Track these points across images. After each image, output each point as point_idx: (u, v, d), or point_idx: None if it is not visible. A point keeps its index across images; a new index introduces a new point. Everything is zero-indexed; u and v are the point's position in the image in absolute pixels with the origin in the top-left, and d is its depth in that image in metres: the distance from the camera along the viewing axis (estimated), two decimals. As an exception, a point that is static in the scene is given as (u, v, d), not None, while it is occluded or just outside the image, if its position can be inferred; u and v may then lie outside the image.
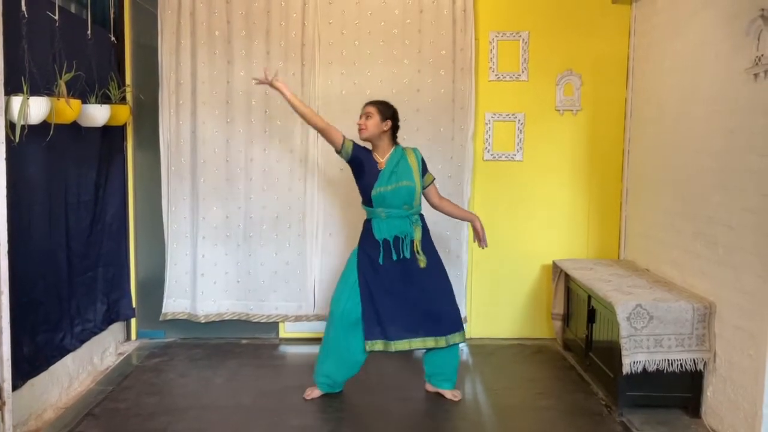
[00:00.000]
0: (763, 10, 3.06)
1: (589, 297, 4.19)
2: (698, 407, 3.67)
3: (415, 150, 3.93)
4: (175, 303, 4.97)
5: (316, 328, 5.05)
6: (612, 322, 3.76)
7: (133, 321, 5.02)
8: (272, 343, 4.99)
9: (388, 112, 3.88)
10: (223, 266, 4.94)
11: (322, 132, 3.85)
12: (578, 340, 4.49)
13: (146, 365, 4.50)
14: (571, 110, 4.93)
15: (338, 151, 3.86)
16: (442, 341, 3.82)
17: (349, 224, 4.89)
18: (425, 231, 3.88)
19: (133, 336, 5.04)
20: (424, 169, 3.92)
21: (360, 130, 3.85)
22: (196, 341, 4.97)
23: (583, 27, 4.87)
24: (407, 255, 3.79)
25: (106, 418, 3.67)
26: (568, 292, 4.75)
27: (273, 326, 5.06)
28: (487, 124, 4.91)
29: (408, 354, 4.42)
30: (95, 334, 4.37)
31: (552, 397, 4.04)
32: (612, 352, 3.80)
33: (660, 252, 4.28)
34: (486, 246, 4.00)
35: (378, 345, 3.78)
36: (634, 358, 3.59)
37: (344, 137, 3.85)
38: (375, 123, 3.83)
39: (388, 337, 3.78)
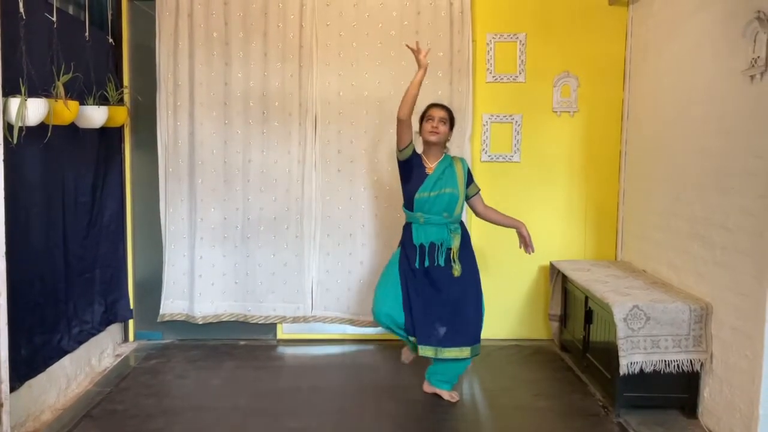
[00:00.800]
0: (759, 12, 3.07)
1: (587, 298, 4.19)
2: (695, 408, 3.67)
3: (462, 160, 3.92)
4: (172, 304, 4.97)
5: (314, 330, 5.06)
6: (609, 323, 3.76)
7: (130, 322, 5.02)
8: (270, 345, 4.99)
9: (453, 120, 3.90)
10: (221, 267, 4.94)
11: (403, 122, 3.70)
12: (575, 341, 4.50)
13: (144, 367, 4.50)
14: (568, 112, 4.94)
15: (400, 149, 3.80)
16: (466, 351, 3.81)
17: (347, 226, 4.89)
18: (465, 240, 3.87)
19: (131, 337, 5.03)
20: (469, 180, 3.92)
21: (433, 133, 3.79)
22: (194, 342, 4.97)
23: (580, 29, 4.88)
24: (441, 263, 3.78)
25: (103, 420, 3.67)
26: (566, 293, 4.75)
27: (271, 327, 5.06)
28: (484, 125, 4.92)
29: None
30: (93, 335, 4.37)
31: (549, 397, 4.04)
32: (609, 353, 3.81)
33: (657, 253, 4.29)
34: (533, 251, 4.02)
35: (413, 341, 3.85)
36: (631, 359, 3.60)
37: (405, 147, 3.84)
38: (446, 130, 3.84)
39: (418, 340, 3.80)
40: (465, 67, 4.80)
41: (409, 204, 3.85)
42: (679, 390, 3.68)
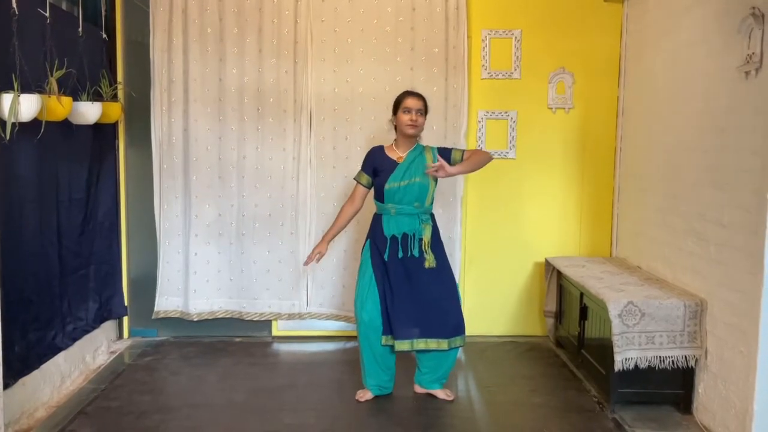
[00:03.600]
0: (754, 8, 3.07)
1: (582, 294, 4.20)
2: (690, 404, 3.69)
3: (432, 149, 3.86)
4: (167, 301, 4.96)
5: (309, 326, 5.06)
6: (604, 319, 3.77)
7: (125, 319, 5.00)
8: (265, 341, 4.99)
9: (427, 108, 3.88)
10: (216, 264, 4.93)
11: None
12: (570, 337, 4.51)
13: (138, 364, 4.49)
14: (564, 108, 4.94)
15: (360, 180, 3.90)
16: (444, 343, 3.77)
17: (342, 222, 4.89)
18: (435, 231, 3.84)
19: (126, 334, 5.02)
20: (446, 156, 3.79)
21: (411, 126, 3.76)
22: (189, 339, 4.96)
23: (576, 25, 4.88)
24: (415, 254, 3.75)
25: (98, 417, 3.66)
26: (561, 290, 4.76)
27: (266, 324, 5.05)
28: (479, 122, 4.92)
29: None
30: (87, 332, 4.35)
31: (544, 394, 4.05)
32: (604, 349, 3.82)
33: (652, 249, 4.29)
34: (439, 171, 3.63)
35: (389, 340, 3.79)
36: (626, 355, 3.60)
37: (358, 183, 3.91)
38: (423, 121, 3.82)
39: (395, 335, 3.76)
40: (460, 64, 4.80)
41: (379, 195, 3.82)
42: (673, 386, 3.69)
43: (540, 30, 4.88)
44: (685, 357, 3.61)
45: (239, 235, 4.91)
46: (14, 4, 3.23)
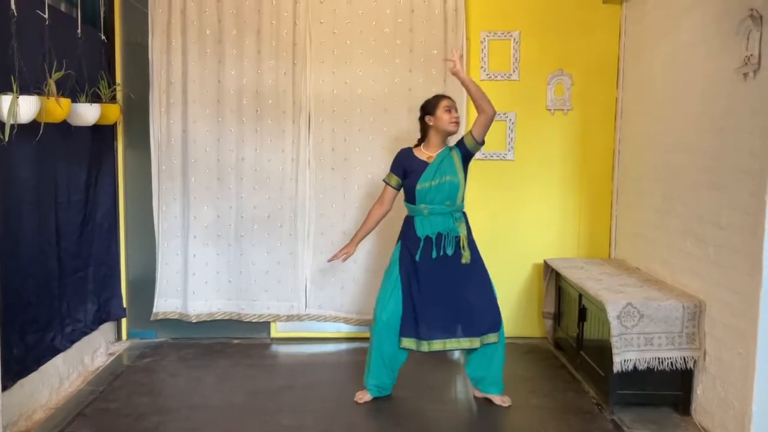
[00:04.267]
0: (752, 9, 3.08)
1: (580, 296, 4.20)
2: (688, 405, 3.69)
3: (456, 147, 3.84)
4: (166, 303, 4.95)
5: (308, 328, 5.06)
6: (603, 320, 3.77)
7: (123, 321, 5.00)
8: (264, 343, 4.98)
9: None
10: (215, 266, 4.93)
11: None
12: (569, 339, 4.51)
13: (137, 365, 4.49)
14: (562, 110, 4.94)
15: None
16: (476, 342, 3.73)
17: (341, 223, 4.89)
18: (469, 229, 3.83)
19: (124, 336, 5.02)
20: (465, 161, 3.81)
21: (455, 123, 3.78)
22: (188, 341, 4.96)
23: (574, 27, 4.89)
24: (449, 252, 3.73)
25: (96, 419, 3.65)
26: (559, 291, 4.76)
27: (264, 326, 5.05)
28: (478, 123, 4.91)
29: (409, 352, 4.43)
30: (86, 334, 4.35)
31: (543, 395, 4.05)
32: (603, 350, 3.82)
33: (650, 251, 4.30)
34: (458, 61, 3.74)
35: (411, 343, 3.74)
36: (624, 357, 3.60)
37: (387, 185, 3.90)
38: None
39: (420, 336, 3.72)
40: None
41: (410, 197, 3.81)
42: (672, 387, 3.69)
43: (539, 32, 4.89)
44: (684, 358, 3.61)
45: (238, 237, 4.91)
46: (13, 6, 3.23)
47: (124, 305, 4.95)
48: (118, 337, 5.01)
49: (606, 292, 3.79)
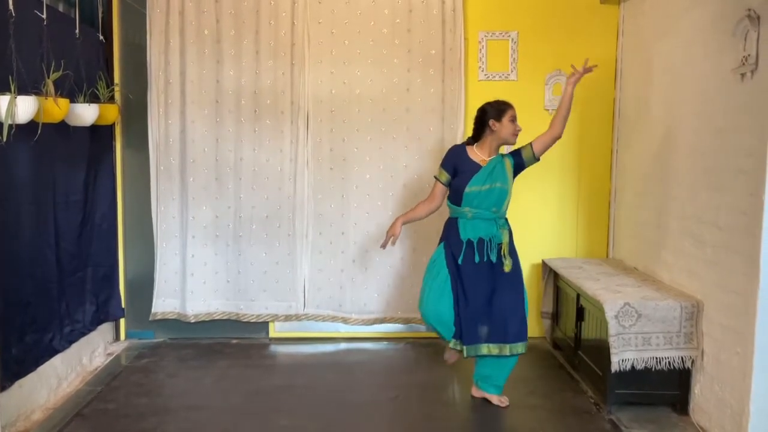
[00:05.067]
0: (749, 10, 3.08)
1: (578, 296, 4.20)
2: (686, 405, 3.69)
3: (509, 156, 3.80)
4: (164, 303, 4.95)
5: (306, 328, 5.06)
6: (601, 320, 3.78)
7: (122, 321, 5.00)
8: (262, 343, 4.98)
9: None
10: (213, 266, 4.93)
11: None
12: (567, 339, 4.51)
13: (135, 365, 4.49)
14: (560, 110, 4.94)
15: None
16: (506, 349, 3.72)
17: (339, 224, 4.89)
18: (511, 236, 3.80)
19: (123, 336, 5.02)
20: (518, 159, 3.79)
21: (516, 135, 3.76)
22: (186, 341, 4.96)
23: (572, 27, 4.89)
24: (493, 258, 3.71)
25: (95, 419, 3.65)
26: (558, 291, 4.77)
27: (263, 326, 5.05)
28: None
29: (403, 352, 4.43)
30: (84, 334, 4.35)
31: (541, 395, 4.05)
32: (601, 350, 3.82)
33: (648, 251, 4.30)
34: (588, 70, 3.82)
35: (457, 344, 3.75)
36: (622, 356, 3.61)
37: (437, 181, 3.85)
38: None
39: (465, 341, 3.72)
40: (457, 65, 4.80)
41: (456, 198, 3.75)
42: (670, 387, 3.70)
43: (537, 32, 4.89)
44: (682, 358, 3.62)
45: (236, 237, 4.91)
46: (11, 6, 3.23)
47: (123, 305, 4.95)
48: (117, 338, 5.01)
49: (604, 292, 3.80)
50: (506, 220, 3.81)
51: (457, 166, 3.77)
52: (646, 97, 4.40)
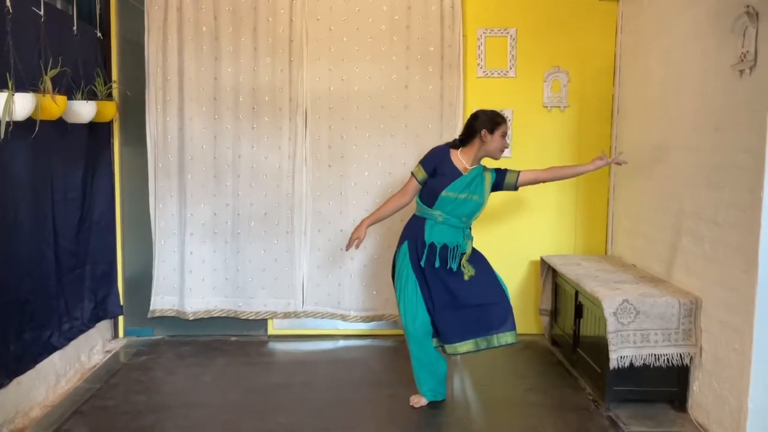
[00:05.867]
0: (748, 6, 3.08)
1: (577, 292, 4.21)
2: (684, 401, 3.70)
3: (492, 172, 3.78)
4: (163, 300, 4.95)
5: (305, 325, 5.06)
6: (599, 317, 3.78)
7: (120, 318, 5.00)
8: (261, 340, 4.98)
9: None
10: (211, 263, 4.92)
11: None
12: (566, 336, 4.52)
13: (134, 363, 4.49)
14: (559, 107, 4.94)
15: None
16: (494, 340, 3.69)
17: (338, 221, 4.89)
18: (472, 244, 3.77)
19: (121, 333, 5.01)
20: (499, 177, 3.78)
21: (502, 152, 3.75)
22: (184, 338, 4.96)
23: (571, 24, 4.89)
24: (454, 267, 3.67)
25: (93, 416, 3.65)
26: (556, 288, 4.77)
27: (261, 323, 5.05)
28: (475, 120, 4.91)
29: (401, 349, 4.43)
30: (83, 331, 4.35)
31: (540, 392, 4.05)
32: (599, 347, 3.83)
33: (647, 248, 4.30)
34: (624, 162, 3.98)
35: (437, 343, 3.74)
36: (620, 353, 3.61)
37: (413, 177, 3.75)
38: None
39: (445, 341, 3.69)
40: (456, 62, 4.80)
41: (429, 198, 3.70)
42: (668, 384, 3.70)
43: (535, 29, 4.89)
44: (680, 355, 3.62)
45: (235, 234, 4.90)
46: (8, 3, 3.22)
47: (121, 303, 4.94)
48: (115, 335, 5.00)
49: (602, 289, 3.80)
50: (470, 230, 3.78)
51: (437, 168, 3.69)
52: (644, 93, 4.40)
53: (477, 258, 3.80)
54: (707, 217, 3.48)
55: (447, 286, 3.68)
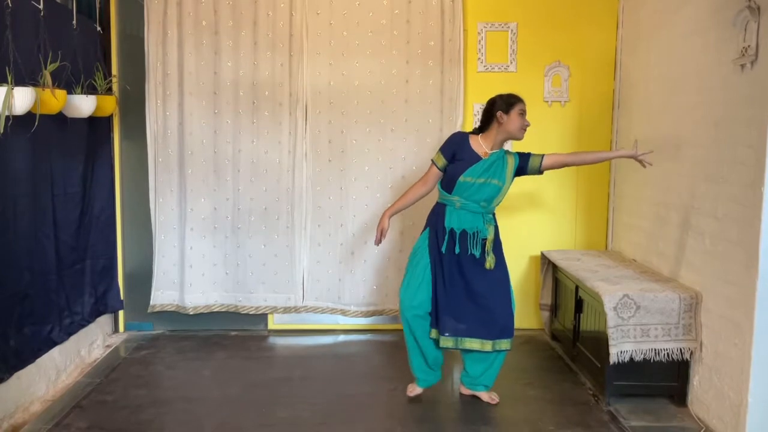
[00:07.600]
0: (749, 0, 3.07)
1: (577, 287, 4.20)
2: (685, 396, 3.70)
3: (515, 156, 3.71)
4: (163, 295, 4.95)
5: (305, 320, 5.06)
6: (599, 312, 3.78)
7: (121, 313, 5.00)
8: (261, 335, 4.99)
9: None
10: (212, 258, 4.93)
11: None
12: (566, 331, 4.52)
13: (134, 357, 4.49)
14: (560, 101, 4.94)
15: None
16: (488, 345, 3.66)
17: (338, 216, 4.88)
18: (497, 232, 3.72)
19: (121, 328, 5.02)
20: (522, 161, 3.70)
21: (524, 130, 3.69)
22: (185, 333, 4.96)
23: (571, 18, 4.88)
24: (476, 253, 3.63)
25: (93, 411, 3.65)
26: (556, 283, 4.77)
27: (262, 318, 5.06)
28: (475, 115, 4.90)
29: (401, 343, 4.43)
30: (83, 326, 4.35)
31: (540, 387, 4.06)
32: (599, 342, 3.83)
33: (647, 242, 4.30)
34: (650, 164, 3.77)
35: (435, 334, 3.70)
36: (621, 348, 3.61)
37: (433, 165, 3.71)
38: None
39: (440, 330, 3.68)
40: (456, 57, 4.79)
41: (448, 185, 3.66)
42: (668, 378, 3.70)
43: (536, 23, 4.87)
44: (680, 350, 3.62)
45: (235, 229, 4.90)
46: (8, -3, 3.22)
47: (122, 297, 4.95)
48: (115, 330, 5.01)
49: (602, 284, 3.80)
50: (494, 215, 3.74)
51: (456, 153, 3.66)
52: (645, 88, 4.39)
53: (499, 256, 3.72)
54: (708, 212, 3.48)
55: (462, 272, 3.64)
